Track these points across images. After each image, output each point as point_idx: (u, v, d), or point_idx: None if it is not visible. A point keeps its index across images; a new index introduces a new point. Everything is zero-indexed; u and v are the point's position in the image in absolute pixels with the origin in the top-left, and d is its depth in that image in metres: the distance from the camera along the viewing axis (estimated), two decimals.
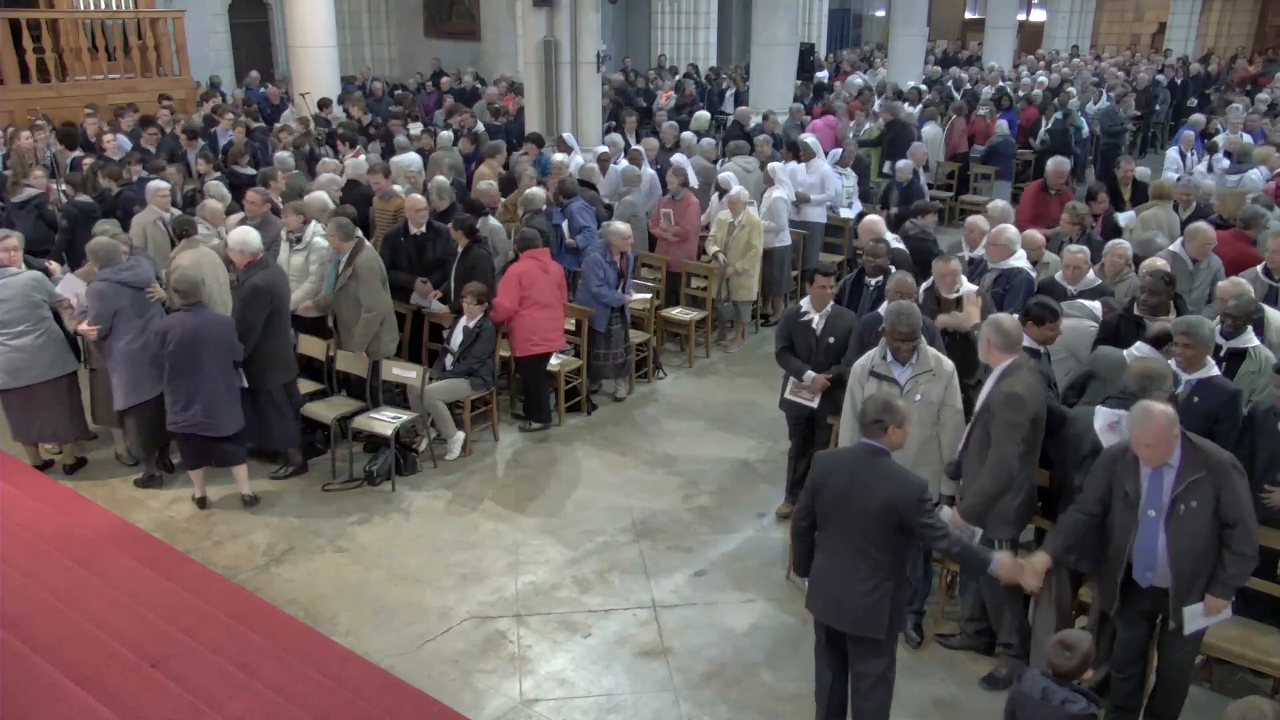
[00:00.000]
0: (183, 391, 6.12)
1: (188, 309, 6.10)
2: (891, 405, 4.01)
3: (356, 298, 6.90)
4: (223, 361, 6.19)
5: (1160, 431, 3.90)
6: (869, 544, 3.94)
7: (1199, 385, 4.84)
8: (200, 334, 6.07)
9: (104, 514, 6.32)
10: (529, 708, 4.75)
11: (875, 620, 3.99)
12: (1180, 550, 4.02)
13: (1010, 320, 4.73)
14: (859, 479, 3.94)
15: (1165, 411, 3.93)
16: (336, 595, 5.60)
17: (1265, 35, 27.49)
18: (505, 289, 7.27)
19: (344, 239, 6.93)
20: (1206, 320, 5.05)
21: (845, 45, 27.45)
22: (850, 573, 3.98)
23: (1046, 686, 3.59)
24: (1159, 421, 3.89)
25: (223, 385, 6.21)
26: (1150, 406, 3.95)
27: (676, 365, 8.90)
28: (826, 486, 4.02)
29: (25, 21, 13.55)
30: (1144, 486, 4.06)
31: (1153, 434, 3.90)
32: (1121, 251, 6.62)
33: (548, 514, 6.46)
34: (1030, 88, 16.71)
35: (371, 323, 6.93)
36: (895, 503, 3.87)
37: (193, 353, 6.05)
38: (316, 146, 11.11)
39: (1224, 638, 4.52)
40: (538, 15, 11.69)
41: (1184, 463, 3.99)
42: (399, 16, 21.71)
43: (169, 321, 6.15)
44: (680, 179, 9.07)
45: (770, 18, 14.59)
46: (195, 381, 6.09)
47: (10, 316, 6.40)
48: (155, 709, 4.30)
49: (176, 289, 6.15)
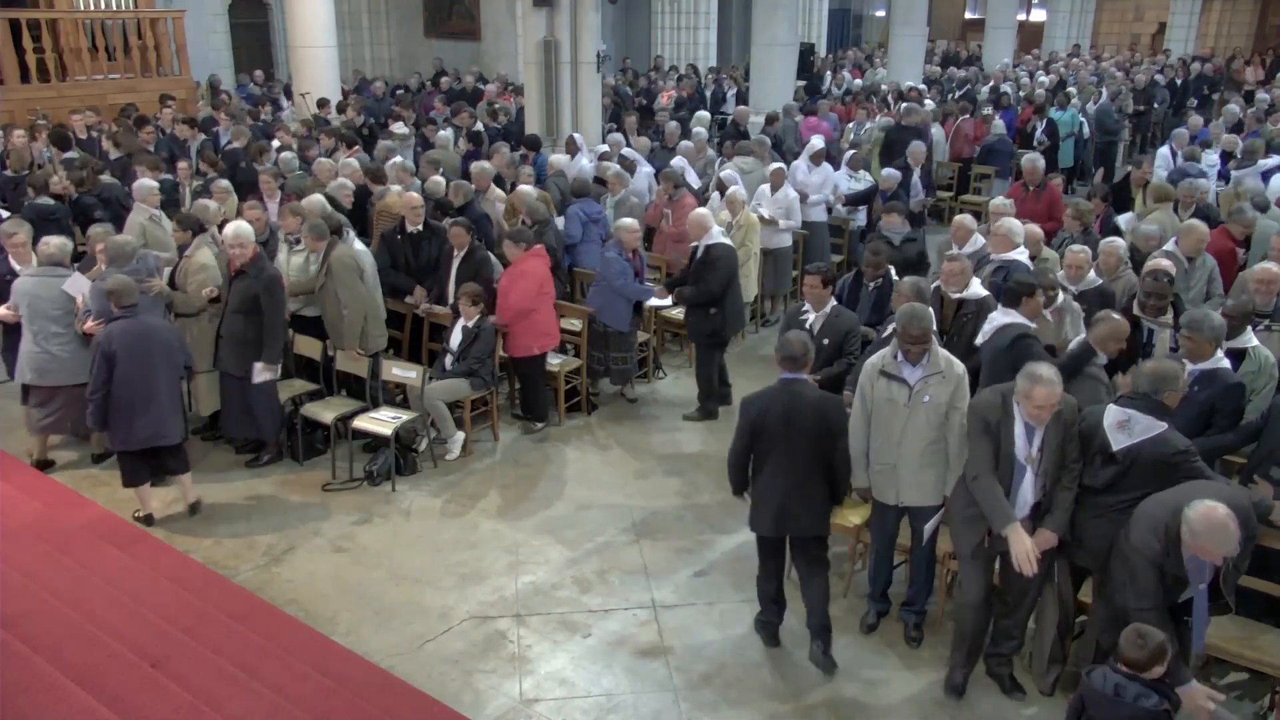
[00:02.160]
0: (129, 405, 5.85)
1: (127, 315, 5.86)
2: (809, 347, 4.83)
3: (336, 295, 6.91)
4: (172, 367, 6.03)
5: (1229, 533, 3.75)
6: (814, 461, 4.75)
7: (1200, 376, 4.95)
8: (148, 339, 5.89)
9: (104, 513, 6.32)
10: (529, 708, 4.75)
11: (824, 521, 4.91)
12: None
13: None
14: (794, 409, 4.71)
15: (1229, 513, 3.78)
16: (336, 595, 5.60)
17: (1265, 35, 27.47)
18: (524, 290, 7.18)
19: (317, 239, 7.00)
20: (1213, 315, 5.08)
21: (845, 45, 27.44)
22: (802, 488, 4.78)
23: (1119, 683, 3.51)
24: (1228, 524, 3.75)
25: (172, 391, 6.07)
26: (1214, 512, 3.76)
27: (676, 365, 8.90)
28: (766, 423, 4.73)
29: (25, 21, 13.56)
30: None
31: (1222, 538, 3.76)
32: (1114, 250, 6.65)
33: (548, 514, 6.46)
34: (1031, 88, 16.71)
35: (353, 319, 6.92)
36: (825, 418, 4.74)
37: (144, 359, 5.86)
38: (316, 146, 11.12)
39: (1224, 637, 4.51)
40: (538, 15, 11.70)
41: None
42: (399, 16, 21.71)
43: (110, 331, 5.84)
44: (671, 183, 9.05)
45: (770, 18, 14.59)
46: (147, 389, 5.88)
47: (57, 312, 6.51)
48: (155, 709, 4.30)
49: (112, 292, 5.87)
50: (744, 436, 4.84)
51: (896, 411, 4.84)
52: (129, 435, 5.95)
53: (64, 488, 6.68)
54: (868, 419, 4.97)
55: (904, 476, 4.90)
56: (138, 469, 6.12)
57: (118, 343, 5.80)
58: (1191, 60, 21.49)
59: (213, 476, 6.89)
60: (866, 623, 5.30)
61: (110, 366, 5.78)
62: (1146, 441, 4.27)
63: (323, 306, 7.09)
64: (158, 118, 12.54)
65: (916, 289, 5.56)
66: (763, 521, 4.89)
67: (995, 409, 4.45)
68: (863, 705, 4.78)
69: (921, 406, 4.78)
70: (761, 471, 4.83)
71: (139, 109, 13.05)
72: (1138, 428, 4.29)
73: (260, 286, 6.53)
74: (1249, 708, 4.76)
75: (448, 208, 8.33)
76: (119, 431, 5.96)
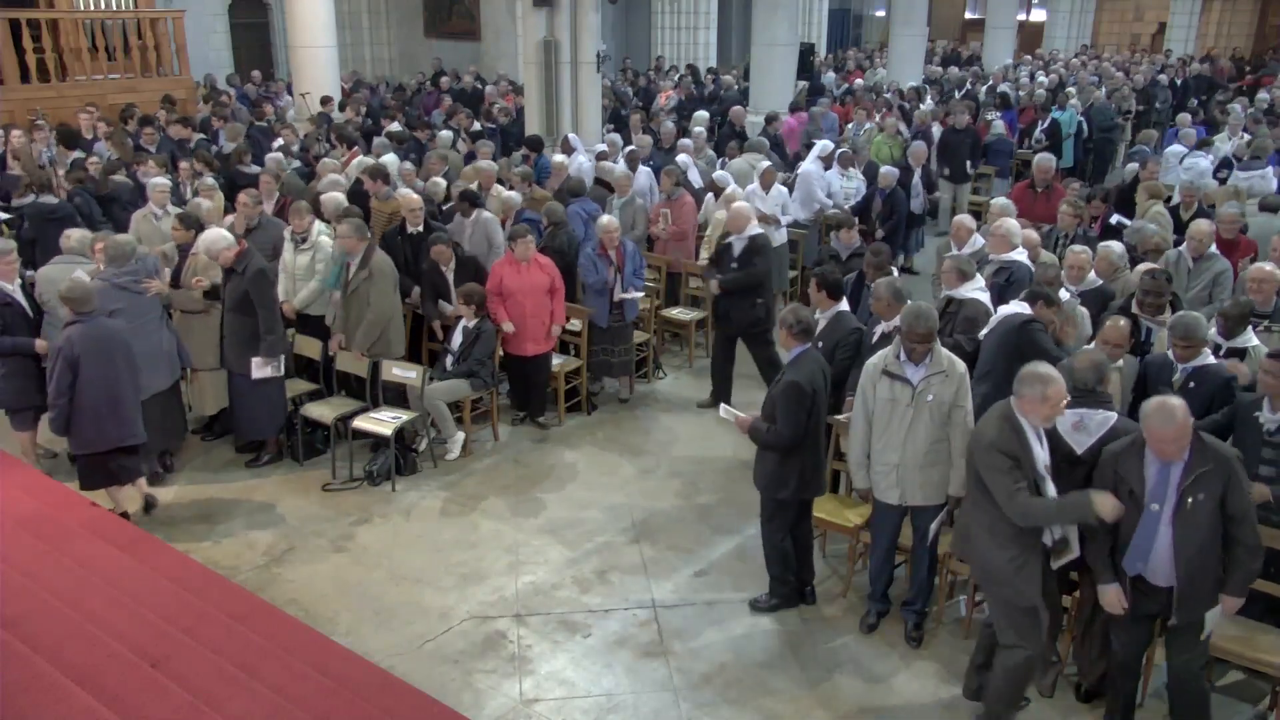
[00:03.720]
0: (96, 408, 5.82)
1: (84, 320, 5.79)
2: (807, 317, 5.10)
3: (368, 299, 6.90)
4: (133, 368, 6.00)
5: (1184, 426, 3.87)
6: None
7: (1194, 372, 5.03)
8: (109, 342, 5.86)
9: (104, 514, 6.30)
10: (529, 708, 4.75)
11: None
12: (1185, 544, 4.01)
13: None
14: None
15: (1182, 405, 3.92)
16: (336, 595, 5.60)
17: (1265, 35, 27.48)
18: (559, 288, 7.44)
19: (360, 239, 6.93)
20: (1201, 320, 5.14)
21: (845, 45, 27.44)
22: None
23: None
24: (1181, 417, 3.87)
25: (135, 392, 6.06)
26: (1169, 403, 3.91)
27: (676, 365, 8.90)
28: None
29: (25, 21, 13.54)
30: (1150, 481, 4.05)
31: (1176, 429, 3.87)
32: (1108, 255, 6.67)
33: (548, 514, 6.46)
34: (1032, 89, 16.71)
35: (375, 325, 6.92)
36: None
37: (107, 362, 5.83)
38: (318, 145, 11.13)
39: (1224, 637, 4.51)
40: (538, 15, 11.69)
41: (1192, 456, 3.97)
42: (399, 16, 21.71)
43: (70, 336, 5.77)
44: (673, 179, 9.05)
45: (770, 18, 14.59)
46: (112, 391, 5.85)
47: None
48: (155, 709, 4.30)
49: (68, 298, 5.82)
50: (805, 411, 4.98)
51: (899, 411, 4.84)
52: (97, 437, 5.93)
53: (64, 487, 6.65)
54: (869, 420, 4.97)
55: (907, 476, 4.90)
56: (95, 472, 6.08)
57: (80, 347, 5.75)
58: (1191, 60, 21.50)
59: (213, 476, 6.89)
60: (867, 623, 5.30)
61: (75, 372, 5.75)
62: (1106, 434, 4.33)
63: (349, 308, 7.03)
64: (156, 118, 12.54)
65: (893, 289, 5.57)
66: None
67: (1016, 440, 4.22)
68: (863, 705, 4.78)
69: (924, 405, 4.78)
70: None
71: (139, 109, 13.05)
72: (1093, 424, 4.35)
73: (247, 281, 6.54)
74: (1249, 709, 4.77)
75: (474, 198, 8.36)
76: (86, 434, 5.93)
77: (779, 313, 5.35)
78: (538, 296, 7.29)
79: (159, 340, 6.52)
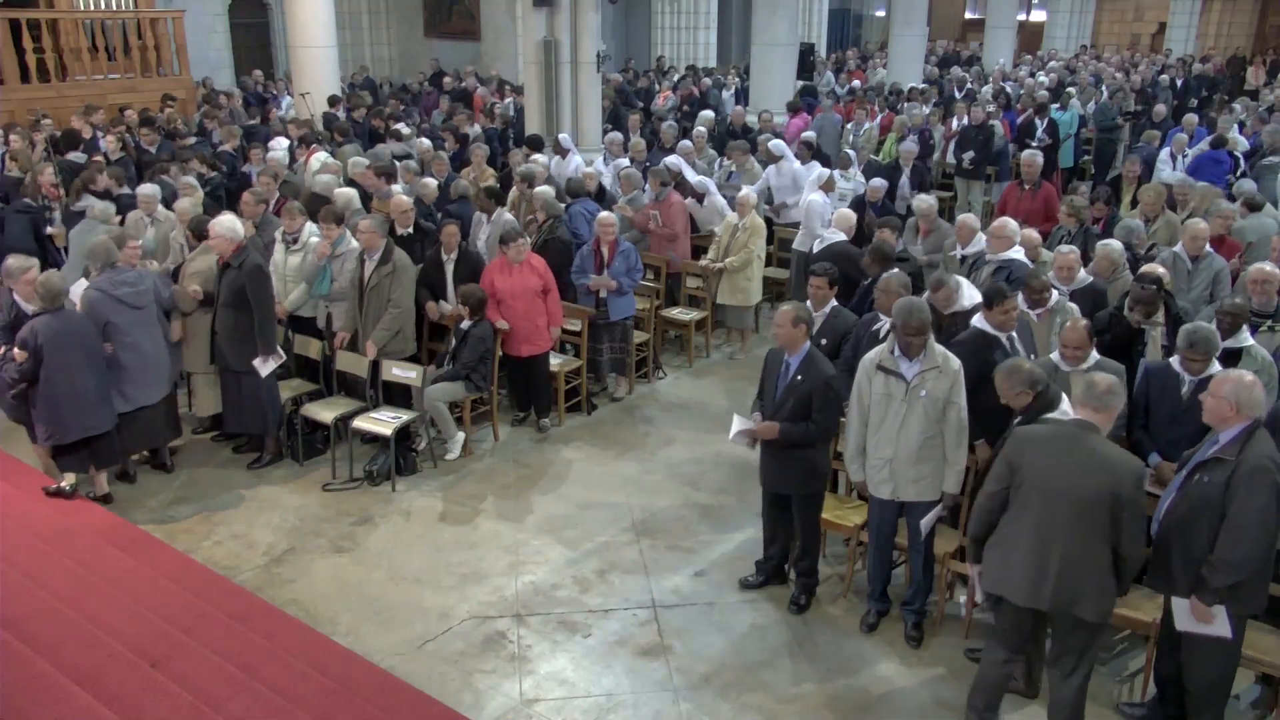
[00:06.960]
0: (56, 400, 5.97)
1: (51, 314, 5.94)
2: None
3: (389, 295, 6.90)
4: (95, 359, 6.11)
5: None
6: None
7: (1203, 383, 4.91)
8: (70, 334, 5.98)
9: (104, 514, 6.31)
10: (529, 708, 4.76)
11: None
12: (1174, 510, 4.09)
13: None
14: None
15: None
16: (337, 595, 5.60)
17: (1265, 35, 27.45)
18: (552, 289, 7.44)
19: (380, 235, 6.96)
20: (1216, 334, 5.05)
21: (845, 45, 27.44)
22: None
23: None
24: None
25: (100, 382, 6.15)
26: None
27: (676, 365, 8.90)
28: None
29: (25, 21, 13.56)
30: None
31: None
32: (1108, 254, 6.65)
33: (548, 514, 6.46)
34: (1033, 88, 16.70)
35: (398, 319, 6.93)
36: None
37: (67, 354, 5.95)
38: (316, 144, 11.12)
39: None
40: (538, 15, 11.69)
41: (1229, 443, 4.02)
42: (399, 16, 21.70)
43: (34, 327, 5.91)
44: (659, 180, 9.03)
45: (770, 18, 14.61)
46: (73, 383, 5.98)
47: None
48: (155, 709, 4.31)
49: (41, 293, 5.95)
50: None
51: (893, 406, 4.86)
52: (59, 429, 6.07)
53: None
54: (864, 414, 5.00)
55: (900, 471, 4.91)
56: (67, 456, 6.22)
57: (43, 338, 5.88)
58: (1192, 60, 21.48)
59: (213, 476, 6.89)
60: (867, 622, 5.30)
61: (37, 361, 5.89)
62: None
63: (364, 304, 6.99)
64: (156, 120, 12.53)
65: (902, 281, 5.59)
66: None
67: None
68: (863, 705, 4.78)
69: (919, 401, 4.80)
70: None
71: (140, 109, 13.05)
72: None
73: (245, 277, 6.54)
74: (1249, 710, 4.77)
75: (498, 195, 8.44)
76: (49, 426, 6.07)
77: (778, 310, 5.29)
78: (529, 298, 7.26)
79: (157, 350, 6.53)
